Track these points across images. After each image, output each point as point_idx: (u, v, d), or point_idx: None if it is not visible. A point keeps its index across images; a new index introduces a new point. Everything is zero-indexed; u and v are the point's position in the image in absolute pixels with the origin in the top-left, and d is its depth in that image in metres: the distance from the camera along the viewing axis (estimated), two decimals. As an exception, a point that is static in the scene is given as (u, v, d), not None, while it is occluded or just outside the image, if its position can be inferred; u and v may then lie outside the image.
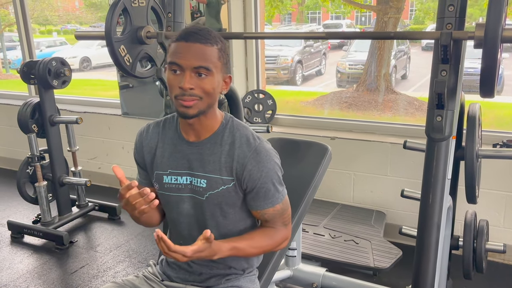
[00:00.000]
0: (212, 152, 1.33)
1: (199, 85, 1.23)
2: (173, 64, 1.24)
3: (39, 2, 10.35)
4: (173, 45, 1.25)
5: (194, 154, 1.35)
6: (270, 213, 1.36)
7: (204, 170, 1.33)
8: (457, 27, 1.52)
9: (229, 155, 1.32)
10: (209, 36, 1.25)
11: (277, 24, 9.63)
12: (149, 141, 1.43)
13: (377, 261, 2.38)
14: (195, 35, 1.23)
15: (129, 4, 2.18)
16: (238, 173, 1.31)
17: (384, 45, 5.58)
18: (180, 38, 1.24)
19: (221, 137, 1.34)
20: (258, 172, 1.31)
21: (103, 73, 9.53)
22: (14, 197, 3.62)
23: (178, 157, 1.37)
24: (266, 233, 1.39)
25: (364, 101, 5.81)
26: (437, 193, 1.66)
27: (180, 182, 1.36)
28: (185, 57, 1.22)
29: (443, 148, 1.63)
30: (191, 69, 1.22)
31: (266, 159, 1.32)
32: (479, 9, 5.81)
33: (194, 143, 1.35)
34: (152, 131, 1.44)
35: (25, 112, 3.13)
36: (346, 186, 3.09)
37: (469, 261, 2.07)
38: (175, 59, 1.23)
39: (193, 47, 1.22)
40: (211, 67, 1.24)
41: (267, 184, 1.32)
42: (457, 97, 1.59)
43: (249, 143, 1.32)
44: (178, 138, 1.38)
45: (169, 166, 1.38)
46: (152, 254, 2.91)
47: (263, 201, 1.34)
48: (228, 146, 1.33)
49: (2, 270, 2.77)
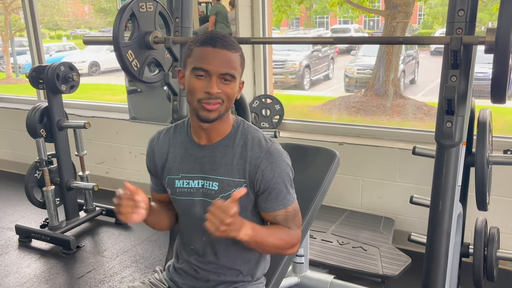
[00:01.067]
0: (224, 154, 1.34)
1: (223, 89, 1.26)
2: (199, 70, 1.25)
3: (49, 7, 10.46)
4: (198, 50, 1.26)
5: (206, 157, 1.35)
6: (282, 215, 1.36)
7: (216, 173, 1.34)
8: (467, 32, 1.51)
9: (241, 157, 1.33)
10: (233, 43, 1.28)
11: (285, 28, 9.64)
12: (160, 147, 1.43)
13: (386, 268, 2.36)
14: (221, 41, 1.25)
15: (137, 9, 2.19)
16: (251, 174, 1.32)
17: (393, 49, 5.55)
18: (206, 43, 1.25)
19: (233, 140, 1.35)
20: (271, 172, 1.31)
21: (112, 78, 9.58)
22: (23, 201, 3.64)
23: (189, 161, 1.37)
24: (283, 229, 1.37)
25: (372, 106, 5.78)
26: (446, 200, 1.64)
27: (192, 186, 1.37)
28: (212, 62, 1.24)
29: (453, 155, 1.61)
30: (218, 75, 1.24)
31: (278, 160, 1.33)
32: (488, 14, 5.77)
33: (206, 146, 1.36)
34: (163, 137, 1.45)
35: (33, 116, 3.15)
36: (355, 192, 3.07)
37: (480, 269, 2.05)
38: (202, 65, 1.24)
39: (220, 53, 1.24)
40: (235, 73, 1.27)
41: (279, 185, 1.33)
42: (467, 102, 1.57)
43: (261, 144, 1.33)
44: (189, 142, 1.38)
45: (180, 170, 1.38)
46: (159, 260, 2.90)
47: (275, 203, 1.34)
48: (240, 148, 1.34)
49: (9, 274, 2.77)
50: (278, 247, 1.37)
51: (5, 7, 8.76)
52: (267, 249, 1.37)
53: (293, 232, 1.38)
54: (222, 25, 3.42)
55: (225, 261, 1.41)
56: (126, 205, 1.25)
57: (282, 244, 1.36)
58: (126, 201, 1.25)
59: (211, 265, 1.42)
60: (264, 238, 1.31)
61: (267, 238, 1.32)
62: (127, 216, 1.26)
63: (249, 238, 1.25)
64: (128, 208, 1.25)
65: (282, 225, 1.38)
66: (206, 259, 1.42)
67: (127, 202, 1.25)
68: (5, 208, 3.78)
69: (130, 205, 1.25)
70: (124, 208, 1.25)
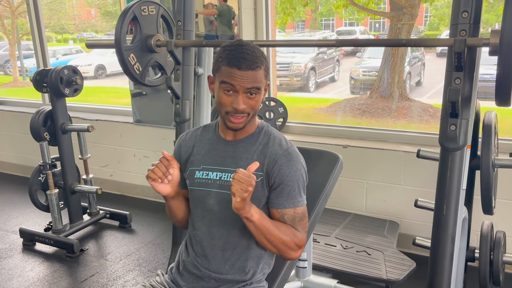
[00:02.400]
0: (246, 150, 1.44)
1: (250, 103, 1.36)
2: (226, 84, 1.34)
3: (56, 11, 10.51)
4: (225, 69, 1.34)
5: (229, 151, 1.45)
6: (291, 215, 1.40)
7: (235, 166, 1.40)
8: (472, 34, 1.48)
9: (262, 153, 1.42)
10: (257, 60, 1.35)
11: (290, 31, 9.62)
12: (187, 142, 1.54)
13: (390, 273, 2.33)
14: (246, 62, 1.32)
15: (139, 12, 2.18)
16: (268, 168, 1.40)
17: (398, 51, 5.52)
18: (231, 64, 1.32)
19: (256, 138, 1.46)
20: (287, 169, 1.39)
21: (117, 81, 9.61)
22: (28, 204, 3.64)
23: (213, 154, 1.47)
24: (289, 227, 1.41)
25: (377, 108, 5.75)
26: (451, 204, 1.62)
27: (210, 177, 1.45)
28: (239, 81, 1.33)
29: (458, 158, 1.58)
30: (244, 91, 1.34)
31: (296, 160, 1.42)
32: (495, 15, 5.71)
33: (230, 141, 1.46)
34: (191, 134, 1.56)
35: (37, 120, 3.16)
36: (359, 195, 3.04)
37: (486, 273, 2.02)
38: (229, 82, 1.33)
39: (246, 74, 1.33)
40: (260, 86, 1.37)
41: (293, 183, 1.39)
42: (472, 105, 1.55)
43: (281, 144, 1.44)
44: (216, 138, 1.49)
45: (203, 162, 1.47)
46: (162, 263, 2.89)
47: (286, 200, 1.40)
48: (262, 146, 1.44)
49: (13, 278, 2.78)
50: (283, 242, 1.37)
51: (12, 11, 8.83)
52: (272, 239, 1.36)
53: (298, 234, 1.41)
54: (224, 28, 3.41)
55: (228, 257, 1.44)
56: (157, 170, 1.37)
57: (287, 240, 1.37)
58: (161, 165, 1.38)
59: (214, 263, 1.44)
60: (271, 227, 1.36)
61: (274, 228, 1.36)
62: (155, 181, 1.38)
63: (257, 220, 1.32)
64: (159, 172, 1.38)
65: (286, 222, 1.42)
66: (210, 257, 1.44)
67: (161, 167, 1.38)
68: (10, 211, 3.79)
69: (163, 171, 1.38)
70: (155, 172, 1.37)
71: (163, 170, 1.38)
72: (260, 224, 1.33)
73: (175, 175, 1.41)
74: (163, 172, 1.38)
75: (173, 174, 1.41)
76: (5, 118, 4.63)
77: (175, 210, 1.52)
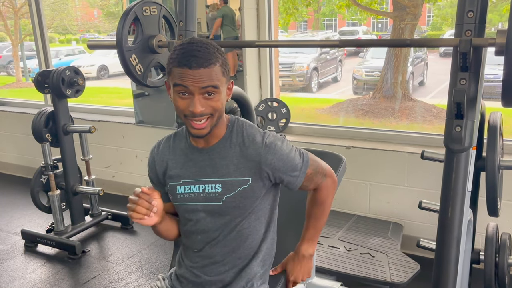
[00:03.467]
0: (223, 156, 1.35)
1: (209, 104, 1.25)
2: (179, 87, 1.23)
3: (59, 11, 10.54)
4: (176, 70, 1.23)
5: (206, 160, 1.36)
6: (307, 180, 1.40)
7: (217, 175, 1.34)
8: (477, 34, 1.46)
9: (241, 156, 1.34)
10: (210, 56, 1.23)
11: (293, 31, 9.60)
12: (161, 156, 1.44)
13: (394, 275, 2.31)
14: (196, 59, 1.21)
15: (141, 13, 2.17)
16: (256, 171, 1.33)
17: (401, 52, 5.49)
18: (182, 64, 1.22)
19: (229, 140, 1.36)
20: (278, 162, 1.34)
21: (120, 81, 9.61)
22: (30, 206, 3.63)
23: (190, 166, 1.38)
24: (314, 201, 1.46)
25: (380, 108, 5.73)
26: (456, 206, 1.60)
27: (193, 190, 1.37)
28: (191, 81, 1.22)
29: (463, 160, 1.56)
30: (199, 91, 1.23)
31: (277, 147, 1.34)
32: (498, 15, 5.68)
33: (204, 149, 1.37)
34: (163, 146, 1.46)
35: (39, 121, 3.15)
36: (362, 196, 3.02)
37: (491, 276, 2.00)
38: (181, 84, 1.23)
39: (198, 73, 1.21)
40: (218, 85, 1.25)
41: (288, 163, 1.35)
42: (477, 106, 1.52)
43: (256, 140, 1.34)
44: (188, 148, 1.39)
45: (181, 176, 1.39)
46: (165, 265, 2.87)
47: (295, 179, 1.38)
48: (239, 147, 1.34)
49: (14, 280, 2.77)
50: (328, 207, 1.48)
51: (15, 11, 8.84)
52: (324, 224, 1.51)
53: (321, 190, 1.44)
54: (228, 28, 3.40)
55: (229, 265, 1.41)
56: (140, 208, 1.27)
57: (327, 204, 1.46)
58: (142, 202, 1.27)
59: (214, 271, 1.41)
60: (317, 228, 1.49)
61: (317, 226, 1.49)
62: (140, 218, 1.28)
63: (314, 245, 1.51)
64: (143, 209, 1.27)
65: (313, 186, 1.42)
66: (208, 265, 1.41)
67: (143, 203, 1.27)
68: (12, 212, 3.78)
69: (145, 207, 1.27)
70: (139, 210, 1.27)
71: (146, 206, 1.27)
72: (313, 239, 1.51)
73: (159, 205, 1.31)
74: (146, 207, 1.27)
75: (157, 204, 1.30)
76: (8, 119, 4.63)
77: (165, 232, 1.45)
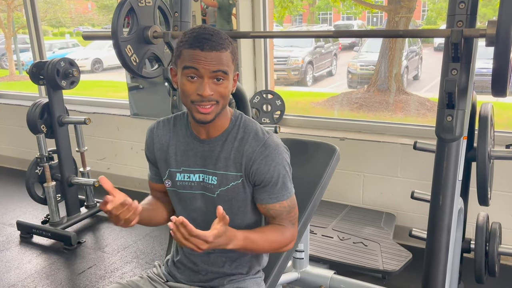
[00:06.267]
0: (222, 149, 1.34)
1: (217, 90, 1.24)
2: (189, 69, 1.22)
3: (52, 4, 10.46)
4: (187, 52, 1.22)
5: (206, 151, 1.36)
6: (277, 209, 1.35)
7: (215, 167, 1.34)
8: (468, 25, 1.49)
9: (238, 151, 1.33)
10: (223, 41, 1.23)
11: (288, 25, 9.59)
12: (160, 138, 1.42)
13: (386, 264, 2.34)
14: (209, 42, 1.21)
15: (136, 4, 2.17)
16: (246, 168, 1.32)
17: (396, 45, 5.52)
18: (194, 46, 1.21)
19: (231, 134, 1.35)
20: (266, 165, 1.30)
21: (114, 75, 9.58)
22: (24, 197, 3.64)
23: (191, 155, 1.38)
24: (275, 229, 1.37)
25: (375, 101, 5.76)
26: (447, 195, 1.62)
27: (192, 179, 1.37)
28: (202, 63, 1.21)
29: (454, 149, 1.59)
30: (209, 75, 1.22)
31: (274, 153, 1.32)
32: (492, 9, 5.72)
33: (206, 140, 1.36)
34: (163, 128, 1.43)
35: (34, 112, 3.15)
36: (356, 187, 3.05)
37: (481, 264, 2.03)
38: (192, 66, 1.22)
39: (210, 55, 1.21)
40: (228, 70, 1.24)
41: (274, 178, 1.32)
42: (468, 96, 1.55)
43: (258, 137, 1.33)
44: (190, 136, 1.39)
45: (182, 164, 1.38)
46: (160, 256, 2.90)
47: (268, 195, 1.34)
48: (238, 142, 1.34)
49: (10, 270, 2.78)
50: (274, 248, 1.38)
51: (7, 4, 8.77)
52: (262, 250, 1.39)
53: (286, 231, 1.38)
54: (223, 21, 3.40)
55: (223, 252, 1.40)
56: (126, 221, 1.21)
57: (275, 246, 1.37)
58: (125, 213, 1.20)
59: (210, 257, 1.42)
60: (258, 243, 1.32)
61: (261, 242, 1.33)
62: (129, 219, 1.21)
63: (240, 247, 1.27)
64: (128, 220, 1.21)
65: (275, 220, 1.38)
66: (205, 253, 1.41)
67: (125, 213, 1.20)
68: (7, 204, 3.78)
69: (129, 216, 1.21)
70: (125, 223, 1.22)
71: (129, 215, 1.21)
72: (247, 246, 1.29)
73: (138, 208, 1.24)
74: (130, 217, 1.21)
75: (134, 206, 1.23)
76: (1, 111, 4.61)
77: (151, 221, 1.44)
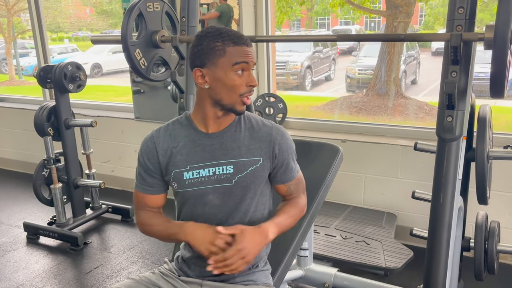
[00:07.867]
0: (234, 138, 1.42)
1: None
2: (240, 64, 1.33)
3: (51, 9, 10.50)
4: (234, 49, 1.33)
5: (216, 144, 1.41)
6: (295, 184, 1.50)
7: (229, 157, 1.40)
8: (467, 29, 1.55)
9: (252, 138, 1.43)
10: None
11: (286, 30, 9.66)
12: (163, 144, 1.45)
13: (388, 261, 2.40)
14: (246, 40, 1.37)
15: (144, 9, 2.24)
16: (267, 151, 1.42)
17: (394, 49, 5.59)
18: (239, 43, 1.34)
19: (239, 124, 1.44)
20: (285, 144, 1.45)
21: (113, 79, 9.63)
22: (30, 199, 3.69)
23: (198, 151, 1.41)
24: (291, 203, 1.51)
25: (374, 106, 5.82)
26: (447, 193, 1.68)
27: (202, 174, 1.41)
28: (250, 57, 1.36)
29: (454, 148, 1.65)
30: (252, 66, 1.38)
31: (286, 134, 1.47)
32: (489, 14, 5.80)
33: (214, 134, 1.42)
34: (164, 134, 1.47)
35: (41, 115, 3.20)
36: (357, 188, 3.11)
37: (480, 262, 2.07)
38: (243, 61, 1.34)
39: (252, 50, 1.37)
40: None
41: (290, 155, 1.47)
42: (467, 98, 1.61)
43: (265, 124, 1.46)
44: (195, 134, 1.43)
45: (188, 162, 1.41)
46: (166, 255, 2.95)
47: (289, 174, 1.48)
48: (248, 131, 1.44)
49: (18, 270, 2.82)
50: (295, 222, 1.50)
51: (8, 9, 8.83)
52: (290, 226, 1.49)
53: (300, 201, 1.53)
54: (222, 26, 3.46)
55: None
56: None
57: (296, 218, 1.50)
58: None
59: None
60: (284, 225, 1.44)
61: (287, 223, 1.45)
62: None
63: (276, 234, 1.40)
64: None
65: (293, 194, 1.51)
66: None
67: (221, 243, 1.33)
68: (13, 206, 3.83)
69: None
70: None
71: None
72: (281, 230, 1.41)
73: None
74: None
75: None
76: (6, 115, 4.66)
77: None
